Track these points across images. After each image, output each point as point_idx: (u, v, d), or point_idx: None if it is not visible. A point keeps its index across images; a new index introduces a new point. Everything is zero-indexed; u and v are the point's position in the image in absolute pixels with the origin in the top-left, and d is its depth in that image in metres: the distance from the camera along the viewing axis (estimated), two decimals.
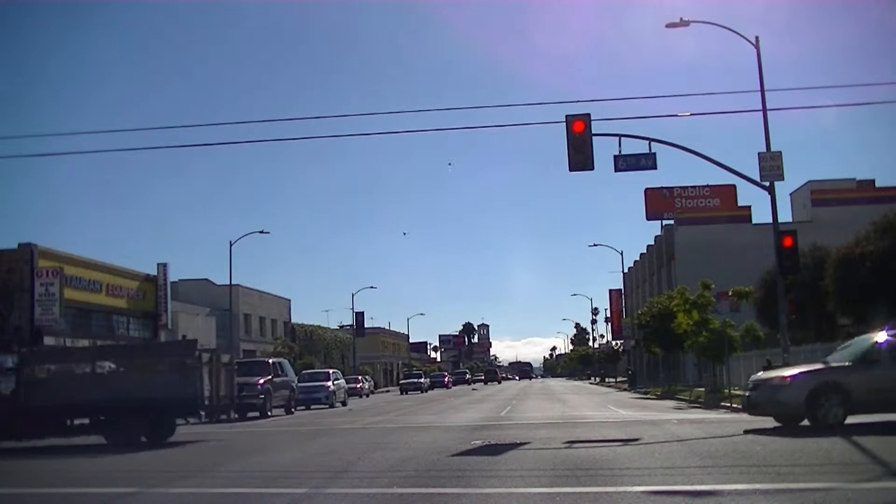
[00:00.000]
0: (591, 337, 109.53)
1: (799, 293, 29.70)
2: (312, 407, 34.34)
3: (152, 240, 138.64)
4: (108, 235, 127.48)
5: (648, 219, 61.76)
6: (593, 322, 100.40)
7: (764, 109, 22.13)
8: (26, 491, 10.01)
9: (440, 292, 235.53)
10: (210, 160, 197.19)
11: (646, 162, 20.36)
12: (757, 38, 22.47)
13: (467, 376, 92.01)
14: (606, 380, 78.03)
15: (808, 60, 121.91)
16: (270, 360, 31.80)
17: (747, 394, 16.48)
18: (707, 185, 59.88)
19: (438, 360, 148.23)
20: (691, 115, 23.07)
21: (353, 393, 48.40)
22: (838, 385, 14.61)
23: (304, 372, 39.07)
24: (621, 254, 66.06)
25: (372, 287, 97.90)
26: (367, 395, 57.94)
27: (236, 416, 26.98)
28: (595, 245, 78.44)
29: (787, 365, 21.65)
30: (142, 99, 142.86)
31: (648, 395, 39.28)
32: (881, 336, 15.31)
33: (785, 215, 53.66)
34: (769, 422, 15.46)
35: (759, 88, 22.18)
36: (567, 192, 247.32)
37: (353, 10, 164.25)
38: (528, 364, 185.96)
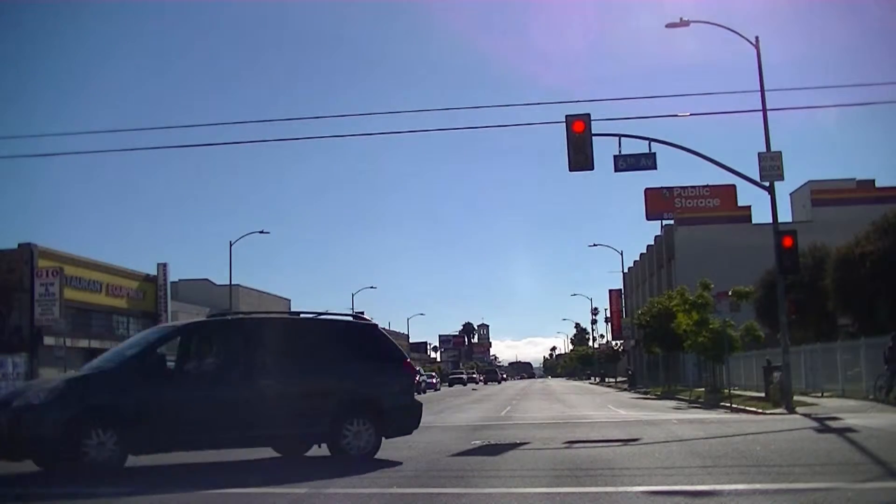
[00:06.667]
0: (591, 337, 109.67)
1: (799, 293, 29.73)
2: None
3: (152, 240, 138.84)
4: (108, 235, 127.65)
5: (648, 219, 61.84)
6: (593, 322, 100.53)
7: (764, 109, 22.16)
8: (25, 491, 9.99)
9: (440, 292, 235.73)
10: (210, 160, 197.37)
11: (646, 162, 20.39)
12: (757, 38, 22.49)
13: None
14: (606, 380, 78.04)
15: (808, 60, 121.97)
16: None
17: None
18: (707, 185, 59.88)
19: (438, 360, 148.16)
20: (691, 115, 23.11)
21: None
22: None
23: None
24: (621, 254, 66.14)
25: (372, 287, 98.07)
26: None
27: None
28: (595, 245, 78.56)
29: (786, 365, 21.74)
30: (142, 99, 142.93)
31: (648, 395, 39.28)
32: None
33: (785, 215, 53.73)
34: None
35: (759, 88, 22.23)
36: (567, 192, 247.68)
37: (353, 10, 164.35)
38: (528, 364, 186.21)
